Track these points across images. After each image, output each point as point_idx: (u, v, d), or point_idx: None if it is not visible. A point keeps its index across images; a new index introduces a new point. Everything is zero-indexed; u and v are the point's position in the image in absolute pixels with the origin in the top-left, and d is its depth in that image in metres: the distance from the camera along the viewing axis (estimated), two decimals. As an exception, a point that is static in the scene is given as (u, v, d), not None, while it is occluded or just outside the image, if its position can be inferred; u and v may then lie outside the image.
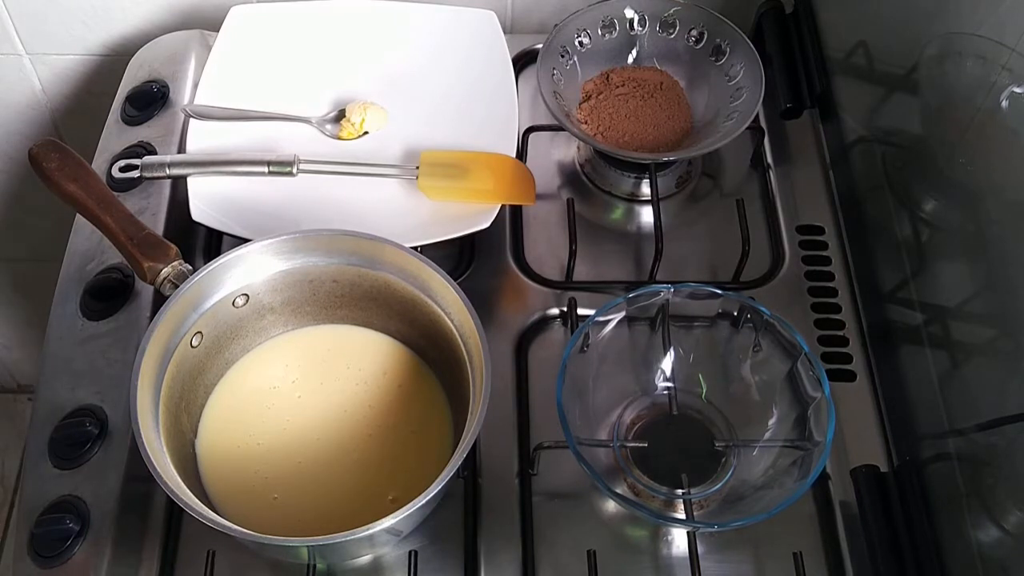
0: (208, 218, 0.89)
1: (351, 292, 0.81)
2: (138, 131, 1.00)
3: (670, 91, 1.00)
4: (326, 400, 0.80)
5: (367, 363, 0.82)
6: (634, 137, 0.96)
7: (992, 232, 0.72)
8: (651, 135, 0.97)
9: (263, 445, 0.78)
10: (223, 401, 0.82)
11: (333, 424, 0.79)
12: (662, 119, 0.97)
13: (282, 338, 0.84)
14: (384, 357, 0.83)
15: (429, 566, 0.77)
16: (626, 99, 0.98)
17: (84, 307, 0.88)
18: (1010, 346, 0.69)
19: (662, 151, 0.95)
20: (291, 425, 0.79)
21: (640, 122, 0.97)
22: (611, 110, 0.98)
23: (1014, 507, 0.67)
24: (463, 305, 0.75)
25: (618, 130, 0.97)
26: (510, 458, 0.82)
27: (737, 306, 0.80)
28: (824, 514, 0.81)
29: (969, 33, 0.75)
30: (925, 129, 0.83)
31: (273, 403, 0.80)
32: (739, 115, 0.93)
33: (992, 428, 0.71)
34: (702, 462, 0.80)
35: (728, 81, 0.96)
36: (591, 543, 0.78)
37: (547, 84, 0.94)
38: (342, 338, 0.84)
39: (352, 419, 0.79)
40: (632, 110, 0.98)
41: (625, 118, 0.97)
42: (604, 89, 0.99)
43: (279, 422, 0.79)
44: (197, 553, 0.77)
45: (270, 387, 0.81)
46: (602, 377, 0.82)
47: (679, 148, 0.95)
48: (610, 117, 0.97)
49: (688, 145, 0.96)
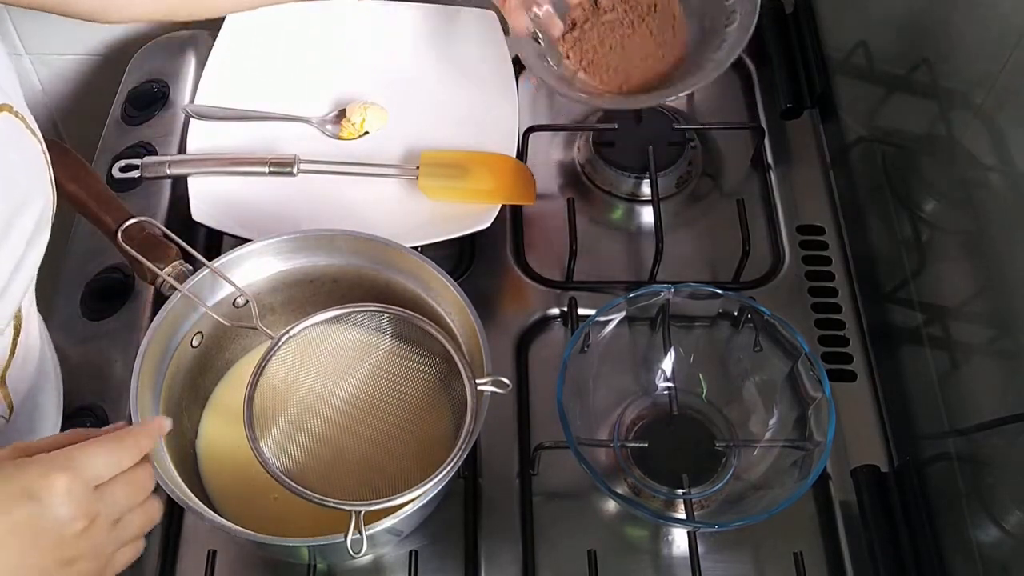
0: (208, 218, 0.89)
1: (351, 292, 0.81)
2: (138, 131, 1.00)
3: (664, 11, 0.91)
4: (326, 400, 0.80)
5: (367, 363, 0.82)
6: (618, 72, 0.90)
7: (992, 232, 0.72)
8: (638, 69, 0.90)
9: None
10: (223, 401, 0.82)
11: (333, 424, 0.79)
12: (651, 48, 0.90)
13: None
14: (384, 357, 0.83)
15: (429, 566, 0.77)
16: (613, 27, 0.91)
17: (84, 307, 0.88)
18: (1010, 346, 0.69)
19: (647, 90, 0.89)
20: (291, 425, 0.79)
21: (627, 54, 0.90)
22: (595, 41, 0.91)
23: (1014, 507, 0.67)
24: (463, 305, 0.75)
25: (602, 65, 0.90)
26: (510, 458, 0.82)
27: (737, 306, 0.80)
28: (824, 514, 0.81)
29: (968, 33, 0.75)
30: (925, 129, 0.83)
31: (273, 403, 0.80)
32: (728, 44, 0.86)
33: (992, 428, 0.71)
34: (702, 462, 0.80)
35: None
36: (591, 543, 0.78)
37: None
38: (342, 338, 0.83)
39: (352, 419, 0.79)
40: (620, 39, 0.90)
41: (611, 50, 0.90)
42: (591, 16, 0.92)
43: (279, 422, 0.79)
44: (197, 553, 0.77)
45: (270, 387, 0.81)
46: (602, 377, 0.82)
47: (666, 86, 0.89)
48: (594, 50, 0.91)
49: (678, 80, 0.89)
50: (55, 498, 0.51)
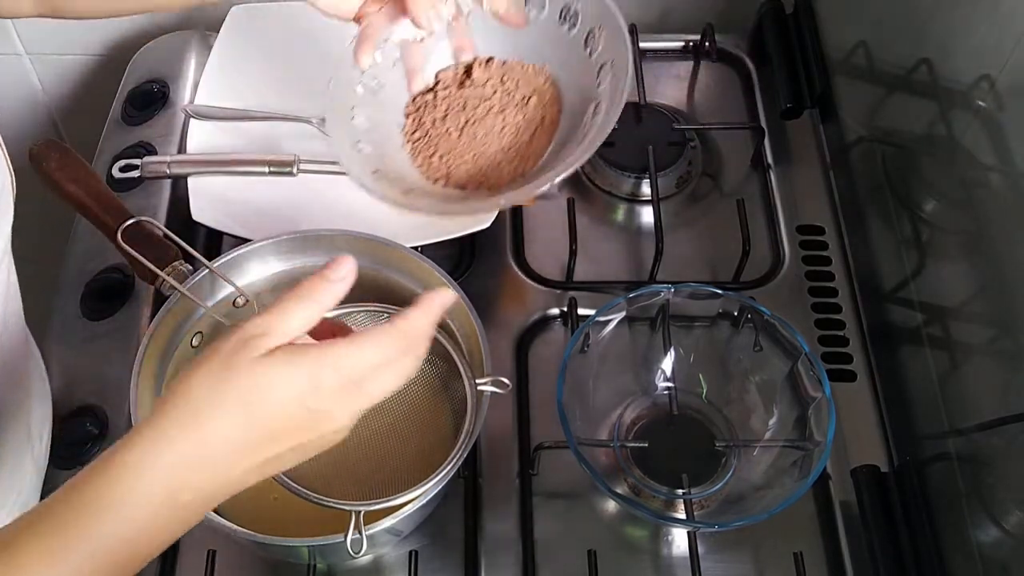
0: (208, 218, 0.89)
1: (351, 292, 0.80)
2: (138, 131, 1.00)
3: (536, 110, 0.71)
4: (326, 400, 0.80)
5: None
6: (443, 162, 0.70)
7: (992, 232, 0.72)
8: (465, 167, 0.70)
9: (263, 445, 0.78)
10: (223, 401, 0.82)
11: (333, 424, 0.79)
12: (491, 147, 0.70)
13: (282, 338, 0.84)
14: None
15: (429, 566, 0.77)
16: (465, 106, 0.71)
17: (84, 307, 0.88)
18: (1010, 346, 0.69)
19: (469, 190, 0.70)
20: (291, 425, 0.79)
21: (462, 143, 0.70)
22: (440, 113, 0.72)
23: (1014, 507, 0.67)
24: (463, 305, 0.75)
25: (431, 146, 0.71)
26: (510, 458, 0.82)
27: (737, 306, 0.80)
28: (824, 514, 0.81)
29: (969, 33, 0.75)
30: (925, 129, 0.83)
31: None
32: (607, 100, 0.67)
33: (992, 428, 0.71)
34: (702, 462, 0.80)
35: (589, 55, 0.69)
36: (591, 543, 0.78)
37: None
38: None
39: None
40: (465, 122, 0.71)
41: (447, 132, 0.71)
42: (453, 84, 0.73)
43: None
44: (197, 553, 0.77)
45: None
46: (602, 377, 0.82)
47: (490, 193, 0.69)
48: (432, 123, 0.71)
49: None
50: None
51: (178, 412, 0.49)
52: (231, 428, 0.50)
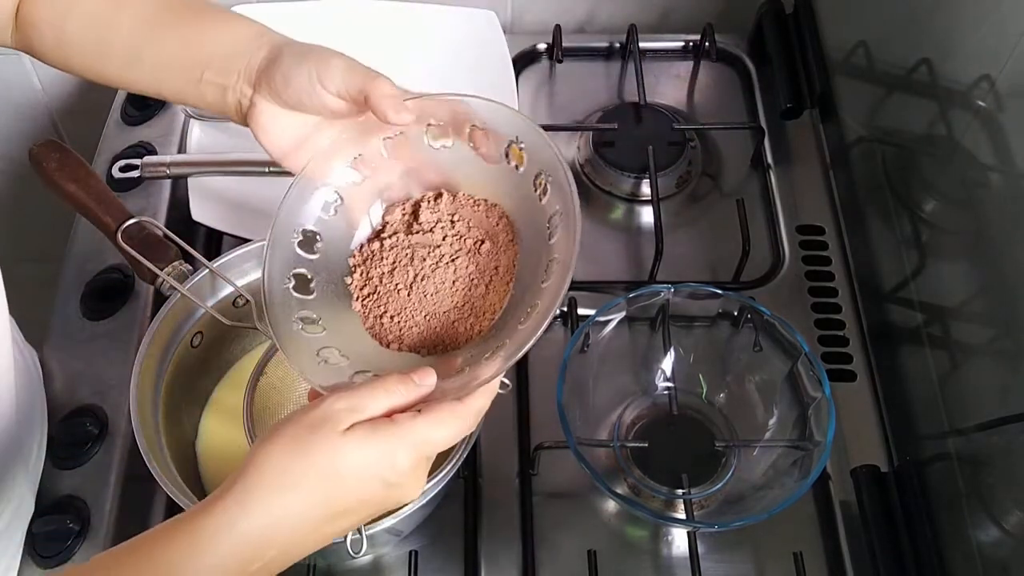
0: (208, 218, 0.89)
1: None
2: (138, 131, 1.00)
3: (491, 256, 0.63)
4: (326, 400, 0.80)
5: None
6: (393, 323, 0.62)
7: (992, 232, 0.72)
8: (418, 328, 0.62)
9: (263, 445, 0.78)
10: (223, 401, 0.82)
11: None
12: (444, 303, 0.62)
13: (282, 338, 0.84)
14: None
15: (429, 566, 0.77)
16: (413, 257, 0.63)
17: (84, 307, 0.88)
18: (1010, 346, 0.69)
19: (424, 354, 0.62)
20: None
21: (412, 301, 0.62)
22: (386, 267, 0.64)
23: (1014, 507, 0.67)
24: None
25: (380, 304, 0.63)
26: (510, 458, 0.82)
27: (737, 306, 0.80)
28: (824, 514, 0.81)
29: (968, 33, 0.75)
30: (925, 129, 0.83)
31: (273, 403, 0.80)
32: (558, 264, 0.57)
33: (992, 428, 0.71)
34: (702, 462, 0.80)
35: (539, 198, 0.60)
36: (591, 543, 0.78)
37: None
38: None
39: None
40: (414, 276, 0.63)
41: (395, 289, 0.63)
42: (401, 230, 0.65)
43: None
44: (197, 553, 0.77)
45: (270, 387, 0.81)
46: (602, 377, 0.82)
47: (453, 371, 0.59)
48: (379, 279, 0.64)
49: (465, 364, 0.59)
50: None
51: (257, 483, 0.51)
52: (309, 507, 0.51)
